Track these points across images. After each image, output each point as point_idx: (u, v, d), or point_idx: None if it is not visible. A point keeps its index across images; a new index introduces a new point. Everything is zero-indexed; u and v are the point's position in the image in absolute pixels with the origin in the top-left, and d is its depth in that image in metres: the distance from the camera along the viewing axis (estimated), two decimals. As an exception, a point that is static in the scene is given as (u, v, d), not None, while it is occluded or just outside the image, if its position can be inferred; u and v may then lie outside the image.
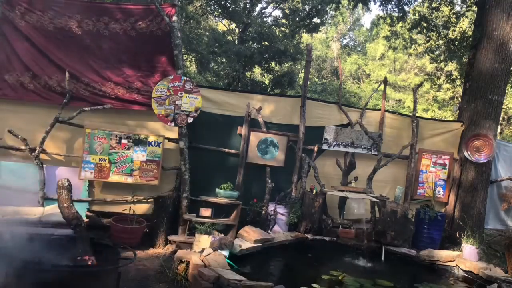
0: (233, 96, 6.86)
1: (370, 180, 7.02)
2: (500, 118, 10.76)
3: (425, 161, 7.63)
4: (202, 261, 4.37)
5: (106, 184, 6.09)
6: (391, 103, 24.27)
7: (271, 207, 6.30)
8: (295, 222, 6.25)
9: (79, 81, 5.91)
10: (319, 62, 27.50)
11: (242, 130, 6.62)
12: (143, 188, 6.13)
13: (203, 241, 5.25)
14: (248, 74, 17.33)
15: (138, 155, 6.06)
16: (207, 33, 16.58)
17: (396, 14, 11.49)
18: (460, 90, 11.61)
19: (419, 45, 12.29)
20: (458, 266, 5.82)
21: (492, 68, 7.43)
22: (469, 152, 7.46)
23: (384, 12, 11.51)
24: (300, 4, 16.90)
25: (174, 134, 6.26)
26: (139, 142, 6.07)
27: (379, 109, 7.59)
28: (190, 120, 6.00)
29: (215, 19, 19.37)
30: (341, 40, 31.01)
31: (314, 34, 20.51)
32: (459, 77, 11.46)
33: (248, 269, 4.90)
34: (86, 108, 5.83)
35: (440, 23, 11.17)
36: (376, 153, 7.13)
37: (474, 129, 7.53)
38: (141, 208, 6.17)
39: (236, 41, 16.48)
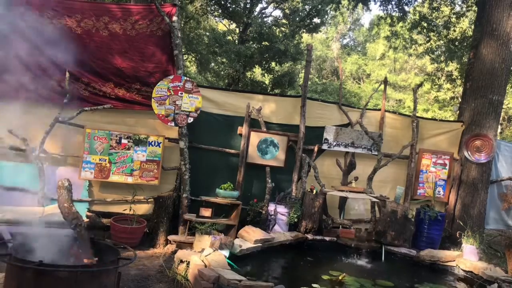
0: (233, 96, 6.86)
1: (370, 180, 7.02)
2: (500, 118, 10.76)
3: (425, 161, 7.62)
4: (202, 261, 4.37)
5: (106, 184, 6.09)
6: (391, 103, 24.28)
7: (271, 207, 6.29)
8: (295, 222, 6.25)
9: (79, 81, 5.91)
10: (319, 62, 27.50)
11: (242, 130, 6.61)
12: (143, 188, 6.13)
13: (203, 241, 5.26)
14: (248, 74, 17.34)
15: (138, 155, 6.06)
16: (207, 33, 16.61)
17: (396, 14, 11.51)
18: (460, 90, 11.61)
19: (420, 45, 12.29)
20: (458, 266, 5.82)
21: (492, 68, 7.43)
22: (469, 152, 7.46)
23: (385, 12, 11.53)
24: (300, 4, 16.91)
25: (174, 134, 6.26)
26: (139, 142, 6.07)
27: (379, 109, 7.58)
28: (190, 120, 6.00)
29: (215, 19, 19.37)
30: (341, 40, 31.02)
31: (314, 34, 20.51)
32: (459, 77, 11.46)
33: (248, 269, 4.90)
34: (86, 108, 5.83)
35: (440, 23, 11.18)
36: (376, 153, 7.12)
37: (474, 129, 7.52)
38: (141, 208, 6.17)
39: (236, 41, 16.49)
